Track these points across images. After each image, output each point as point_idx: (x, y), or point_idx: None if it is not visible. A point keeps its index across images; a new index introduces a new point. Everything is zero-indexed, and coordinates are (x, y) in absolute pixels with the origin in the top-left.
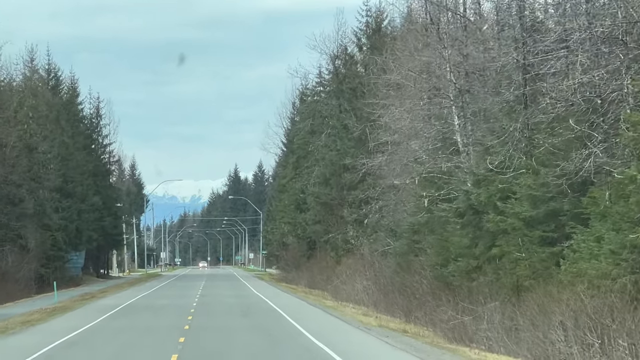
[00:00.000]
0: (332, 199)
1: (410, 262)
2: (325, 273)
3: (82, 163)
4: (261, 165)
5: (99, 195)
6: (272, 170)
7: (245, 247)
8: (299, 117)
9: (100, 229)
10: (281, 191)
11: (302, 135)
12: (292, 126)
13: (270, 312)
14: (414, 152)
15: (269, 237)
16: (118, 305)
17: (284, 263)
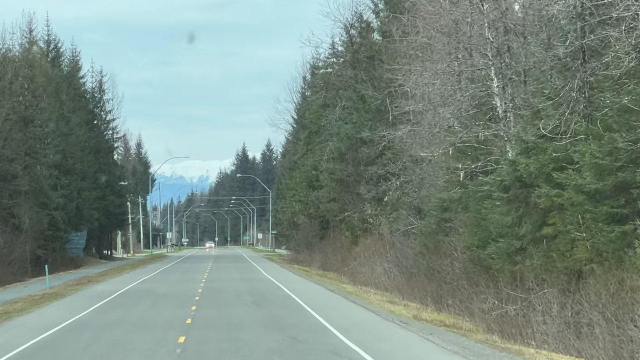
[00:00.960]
0: (348, 175)
1: (439, 242)
2: (339, 254)
3: (84, 139)
4: (269, 144)
5: (102, 173)
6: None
7: (253, 227)
8: (310, 91)
9: (102, 208)
10: (292, 168)
11: (315, 109)
12: (302, 101)
13: (286, 301)
14: (445, 120)
15: (278, 216)
16: (114, 292)
17: (295, 243)
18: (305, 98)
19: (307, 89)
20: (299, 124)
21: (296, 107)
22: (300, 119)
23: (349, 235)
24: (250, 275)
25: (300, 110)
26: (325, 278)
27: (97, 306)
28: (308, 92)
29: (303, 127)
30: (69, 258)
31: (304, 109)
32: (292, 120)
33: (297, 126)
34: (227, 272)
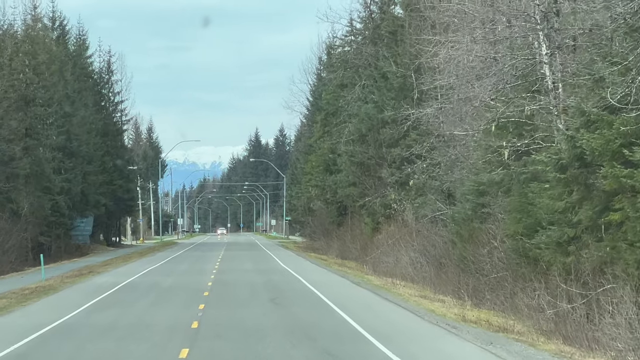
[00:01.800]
0: (368, 157)
1: (474, 230)
2: (359, 242)
3: (90, 120)
4: (282, 130)
5: (109, 157)
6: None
7: (266, 213)
8: (326, 71)
9: (110, 193)
10: (307, 152)
11: (332, 90)
12: (318, 82)
13: (308, 297)
14: (484, 93)
15: (293, 202)
16: (115, 285)
17: (310, 230)
18: (321, 79)
19: (323, 70)
20: (315, 106)
21: (311, 88)
22: (316, 100)
23: (369, 222)
24: (265, 265)
25: (315, 92)
26: (345, 268)
27: (91, 304)
28: (324, 73)
29: (319, 109)
30: (75, 245)
31: (320, 90)
32: (308, 102)
33: (313, 108)
34: (240, 261)
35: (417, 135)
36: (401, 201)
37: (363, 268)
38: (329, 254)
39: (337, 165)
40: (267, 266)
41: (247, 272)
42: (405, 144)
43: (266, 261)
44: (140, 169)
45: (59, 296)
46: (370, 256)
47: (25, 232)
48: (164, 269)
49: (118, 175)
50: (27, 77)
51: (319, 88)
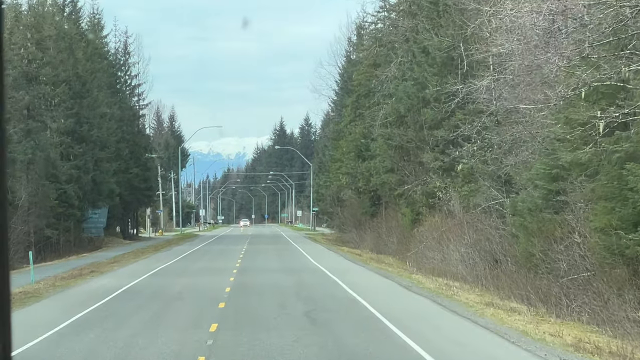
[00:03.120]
0: (408, 141)
1: (545, 222)
2: (395, 234)
3: (103, 103)
4: (308, 119)
5: (125, 143)
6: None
7: (292, 204)
8: (356, 53)
9: (125, 183)
10: (336, 138)
11: (363, 70)
12: (347, 64)
13: (353, 309)
14: (556, 57)
15: (321, 191)
16: (113, 291)
17: (340, 221)
18: (350, 61)
19: (353, 52)
20: (344, 89)
21: (341, 71)
22: (345, 83)
23: (407, 213)
24: (293, 262)
25: (345, 75)
26: (384, 265)
27: (68, 323)
28: (354, 54)
29: (349, 92)
30: (87, 239)
31: (350, 72)
32: (336, 85)
33: (342, 92)
34: (265, 257)
35: (464, 115)
36: (447, 189)
37: (405, 265)
38: (362, 247)
39: (370, 150)
40: (296, 264)
41: (273, 272)
42: (451, 125)
43: (294, 257)
44: (162, 158)
45: (34, 309)
46: (412, 251)
47: (25, 225)
48: (177, 267)
49: (134, 163)
50: (29, 52)
51: (349, 70)
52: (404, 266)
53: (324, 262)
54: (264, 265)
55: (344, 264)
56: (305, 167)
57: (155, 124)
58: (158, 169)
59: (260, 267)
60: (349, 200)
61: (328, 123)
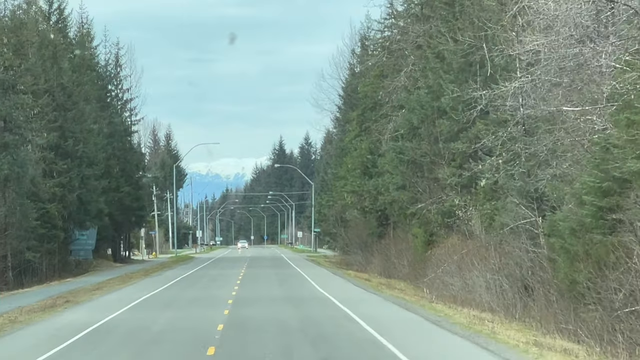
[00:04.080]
0: (422, 155)
1: (594, 245)
2: (406, 257)
3: (91, 117)
4: (308, 138)
5: (115, 160)
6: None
7: (292, 225)
8: (360, 64)
9: (116, 202)
10: (339, 155)
11: (369, 81)
12: (351, 77)
13: (379, 357)
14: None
15: (323, 211)
16: (82, 329)
17: (343, 243)
18: (354, 74)
19: (357, 65)
20: (348, 103)
21: (344, 84)
22: (349, 97)
23: (420, 234)
24: (297, 290)
25: (348, 88)
26: (396, 291)
27: None
28: (357, 67)
29: (353, 107)
30: (75, 262)
31: (354, 85)
32: (339, 99)
33: (345, 107)
34: (266, 283)
35: (485, 125)
36: (466, 207)
37: (420, 291)
38: (369, 271)
39: (377, 167)
40: (301, 291)
41: (274, 301)
42: (470, 137)
43: (297, 283)
44: (157, 177)
45: None
46: (428, 276)
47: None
48: (164, 296)
49: (125, 181)
50: (5, 58)
51: (353, 82)
52: (420, 293)
53: (331, 289)
54: (264, 294)
55: (354, 291)
56: (306, 186)
57: (151, 142)
58: (153, 188)
59: (259, 295)
60: (354, 221)
61: (330, 140)
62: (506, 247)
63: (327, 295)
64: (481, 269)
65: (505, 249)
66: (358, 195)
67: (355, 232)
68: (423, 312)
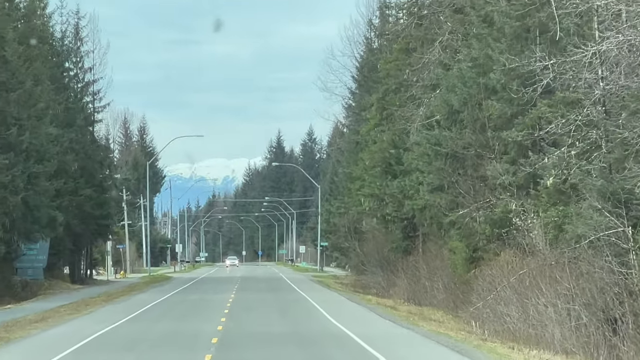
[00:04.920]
0: (464, 146)
1: None
2: (441, 279)
3: (42, 100)
4: (311, 133)
5: (74, 155)
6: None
7: (292, 238)
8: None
9: (74, 208)
10: (353, 151)
11: (393, 57)
12: (368, 53)
13: None
14: None
15: (332, 220)
16: None
17: (358, 260)
18: (371, 50)
19: (375, 38)
20: (364, 86)
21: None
22: (365, 79)
23: (461, 249)
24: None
25: (365, 68)
26: (435, 324)
27: None
28: (376, 41)
29: (370, 91)
30: (22, 283)
31: (372, 63)
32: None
33: (361, 90)
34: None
35: (549, 106)
36: (525, 214)
37: (465, 324)
38: (392, 295)
39: (402, 164)
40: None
41: (275, 341)
42: (528, 122)
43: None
44: (129, 179)
45: None
46: (473, 304)
47: None
48: (127, 332)
49: (86, 182)
50: None
51: (370, 60)
52: (465, 327)
53: (349, 321)
54: (261, 329)
55: (380, 324)
56: (309, 191)
57: (121, 137)
58: (123, 192)
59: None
60: (372, 232)
61: (341, 132)
62: (583, 267)
63: (346, 330)
64: (549, 295)
65: (581, 269)
66: (378, 199)
67: (373, 247)
68: (480, 355)
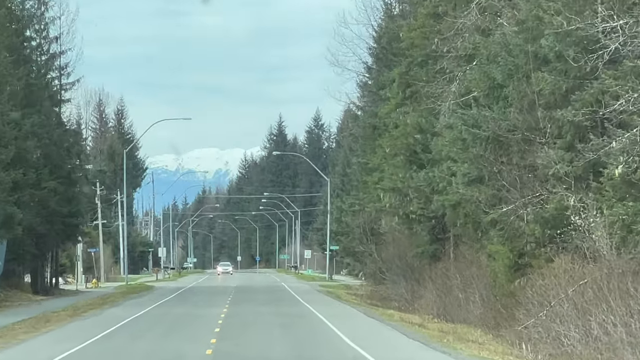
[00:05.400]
0: (509, 129)
1: None
2: (477, 290)
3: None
4: (318, 118)
5: (37, 140)
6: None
7: (296, 241)
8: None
9: (36, 204)
10: (370, 137)
11: (418, 24)
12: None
13: None
14: None
15: (344, 219)
16: None
17: (375, 267)
18: (392, 16)
19: (396, 1)
20: (383, 60)
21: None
22: (384, 52)
23: (503, 253)
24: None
25: (383, 38)
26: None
27: None
28: (397, 6)
29: (390, 65)
30: None
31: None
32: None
33: (379, 65)
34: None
35: (615, 79)
36: (585, 211)
37: (510, 346)
38: (417, 310)
39: (430, 151)
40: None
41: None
42: (588, 99)
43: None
44: (104, 172)
45: None
46: (521, 322)
47: None
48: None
49: (50, 173)
50: None
51: (391, 29)
52: (510, 349)
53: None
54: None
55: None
56: (315, 186)
57: (95, 122)
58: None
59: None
60: (392, 234)
61: (355, 116)
62: None
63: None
64: (619, 311)
65: None
66: (400, 194)
67: (394, 251)
68: None
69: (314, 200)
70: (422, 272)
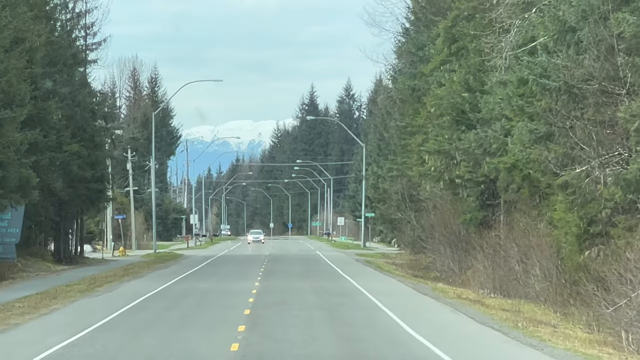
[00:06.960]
0: (583, 79)
1: None
2: (538, 262)
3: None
4: (349, 88)
5: (57, 100)
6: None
7: (328, 208)
8: None
9: (58, 168)
10: (409, 100)
11: None
12: None
13: None
14: None
15: (381, 186)
16: None
17: (414, 235)
18: None
19: None
20: (422, 20)
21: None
22: (423, 11)
23: (572, 221)
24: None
25: None
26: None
27: None
28: None
29: (429, 25)
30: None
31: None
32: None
33: (418, 25)
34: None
35: None
36: None
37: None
38: (466, 282)
39: (479, 111)
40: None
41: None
42: None
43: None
44: (137, 139)
45: None
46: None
47: None
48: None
49: (72, 135)
50: None
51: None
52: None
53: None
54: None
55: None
56: (347, 154)
57: (129, 90)
58: (128, 152)
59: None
60: (434, 200)
61: (394, 78)
62: None
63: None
64: None
65: None
66: (447, 157)
67: (437, 219)
68: None
69: (345, 168)
70: (470, 240)
